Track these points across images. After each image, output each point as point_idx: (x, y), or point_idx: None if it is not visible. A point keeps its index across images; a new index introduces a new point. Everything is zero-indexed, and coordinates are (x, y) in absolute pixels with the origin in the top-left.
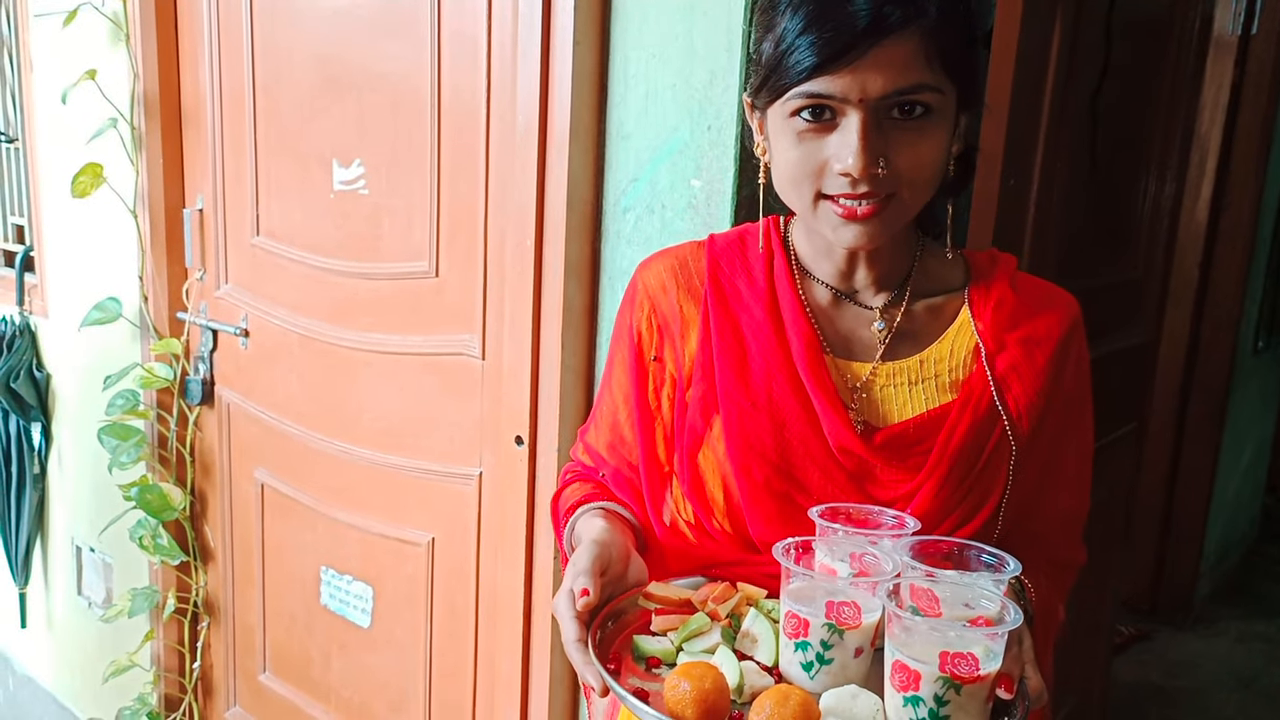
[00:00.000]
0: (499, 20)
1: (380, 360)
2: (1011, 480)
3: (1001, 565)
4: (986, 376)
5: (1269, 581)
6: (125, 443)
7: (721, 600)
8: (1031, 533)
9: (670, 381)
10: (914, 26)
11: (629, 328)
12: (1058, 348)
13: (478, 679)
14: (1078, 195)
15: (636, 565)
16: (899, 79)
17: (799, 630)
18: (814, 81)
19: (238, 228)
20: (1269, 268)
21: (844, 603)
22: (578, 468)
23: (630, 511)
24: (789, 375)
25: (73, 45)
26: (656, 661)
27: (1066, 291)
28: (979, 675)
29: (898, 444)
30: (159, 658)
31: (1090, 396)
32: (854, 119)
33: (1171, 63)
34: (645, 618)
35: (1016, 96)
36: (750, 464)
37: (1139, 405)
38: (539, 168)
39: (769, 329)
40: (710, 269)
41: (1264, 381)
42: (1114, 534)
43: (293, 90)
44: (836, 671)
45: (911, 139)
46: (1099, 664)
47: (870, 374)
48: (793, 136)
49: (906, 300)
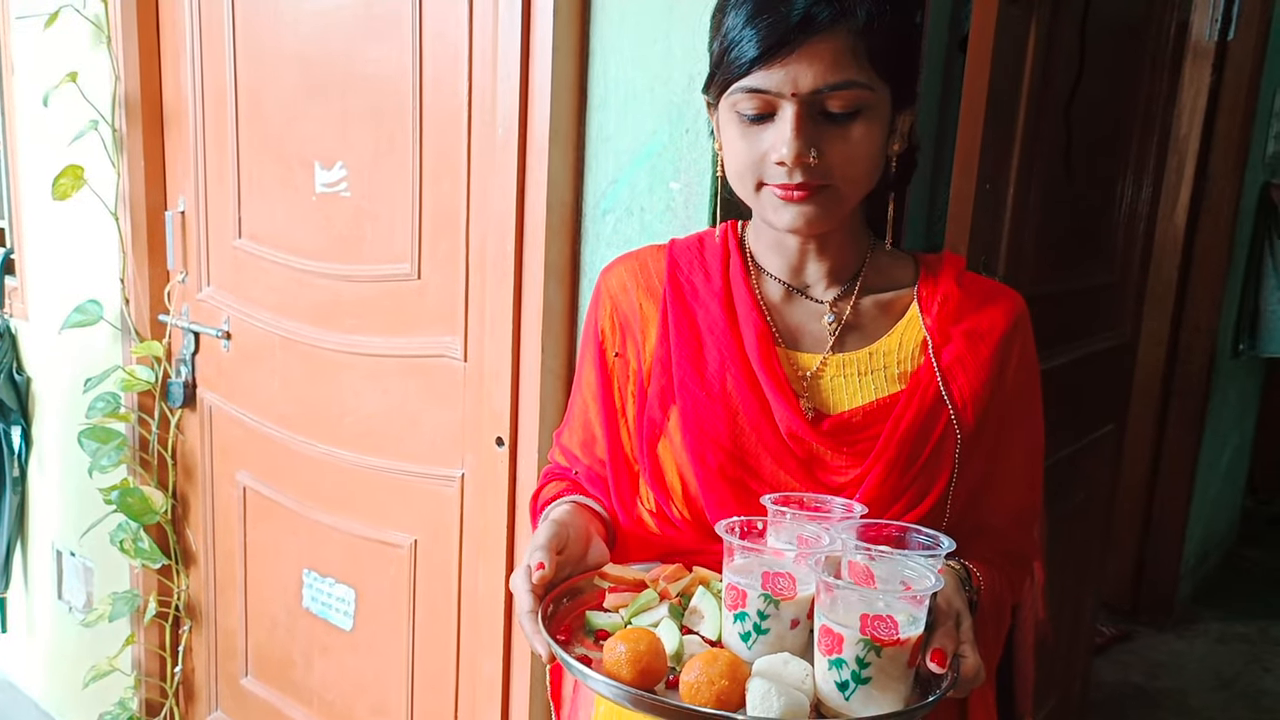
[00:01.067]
0: (480, 24)
1: (362, 362)
2: (957, 468)
3: (936, 544)
4: (933, 368)
5: (1249, 582)
6: (106, 446)
7: (673, 580)
8: (982, 525)
9: (633, 378)
10: (843, 26)
11: (594, 328)
12: (1001, 340)
13: (459, 681)
14: (1054, 199)
15: (597, 549)
16: (828, 74)
17: (737, 601)
18: (751, 76)
19: (220, 230)
20: (1247, 271)
21: (779, 574)
22: (554, 469)
23: (602, 506)
24: (742, 366)
25: (54, 47)
26: (604, 634)
27: (1012, 289)
28: (898, 639)
29: (845, 430)
30: (140, 662)
31: (1039, 393)
32: (788, 111)
33: (1148, 68)
34: (601, 596)
35: (993, 101)
36: (705, 451)
37: (1118, 407)
38: (519, 170)
39: (724, 323)
40: (669, 268)
41: (1243, 384)
42: (1094, 535)
43: (275, 92)
44: (773, 642)
45: (843, 133)
46: (1079, 664)
47: (820, 365)
48: (737, 129)
49: (856, 295)
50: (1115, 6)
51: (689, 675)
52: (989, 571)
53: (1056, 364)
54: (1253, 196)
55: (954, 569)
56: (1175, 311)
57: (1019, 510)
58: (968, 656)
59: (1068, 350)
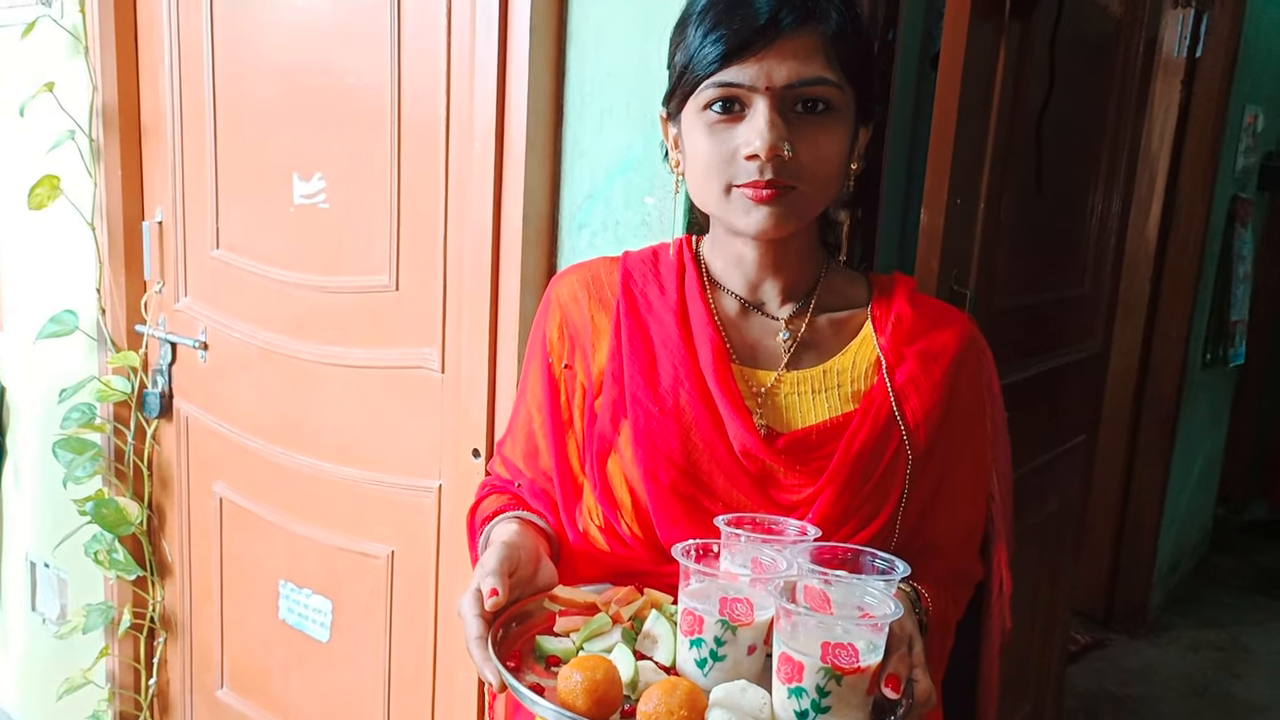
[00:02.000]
0: (458, 38)
1: (341, 373)
2: (908, 488)
3: (891, 569)
4: (886, 388)
5: (1221, 591)
6: (81, 456)
7: (625, 603)
8: (930, 544)
9: (581, 390)
10: (813, 26)
11: (542, 338)
12: (953, 362)
13: (436, 693)
14: (1026, 214)
15: (546, 570)
16: (801, 69)
17: (694, 627)
18: (724, 71)
19: (197, 240)
20: (1217, 283)
21: (737, 599)
22: (495, 481)
23: (546, 521)
24: (696, 381)
25: (31, 57)
26: (556, 660)
27: (962, 311)
28: (859, 667)
29: (799, 448)
30: (114, 674)
31: (985, 416)
32: (761, 105)
33: (1118, 83)
34: (550, 620)
35: (963, 118)
36: (657, 468)
37: (1090, 417)
38: (495, 184)
39: (678, 337)
40: (624, 280)
41: (1214, 394)
42: (1067, 544)
43: (254, 104)
44: (730, 668)
45: (814, 132)
46: (1052, 672)
47: (775, 381)
48: (705, 129)
49: (811, 312)
50: (1085, 23)
51: (647, 706)
52: (937, 592)
53: (1029, 375)
54: (1222, 210)
55: (905, 591)
56: (1147, 322)
57: (965, 531)
58: (920, 680)
59: (1040, 362)
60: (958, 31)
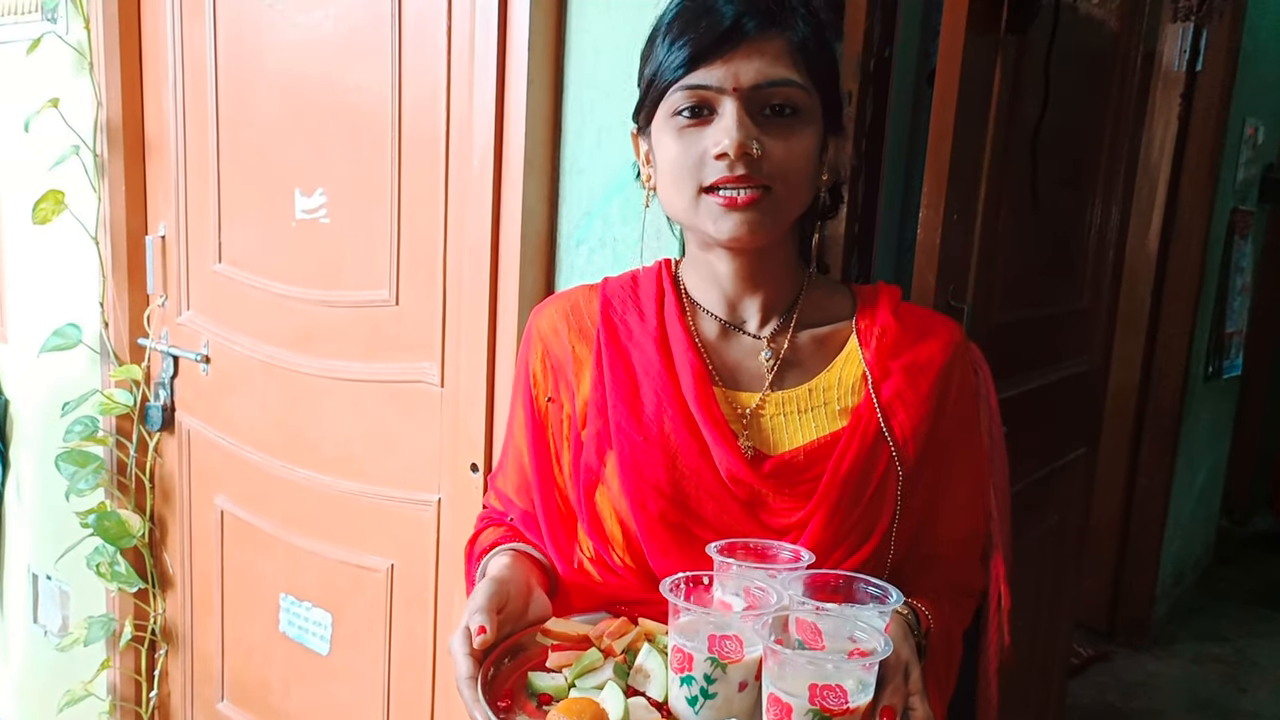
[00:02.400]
0: (458, 55)
1: (341, 387)
2: (900, 506)
3: (886, 597)
4: (873, 403)
5: (1224, 603)
6: (83, 469)
7: (617, 635)
8: (928, 556)
9: (566, 422)
10: (778, 31)
11: (525, 371)
12: (940, 373)
13: (435, 707)
14: (1023, 227)
15: (539, 602)
16: (768, 70)
17: (684, 665)
18: (692, 75)
19: (200, 255)
20: (1218, 295)
21: (725, 636)
22: (491, 513)
23: (540, 552)
24: (680, 408)
25: (36, 73)
26: (548, 698)
27: (949, 318)
28: (848, 708)
29: (787, 471)
30: (115, 687)
31: (978, 422)
32: (729, 106)
33: (1116, 95)
34: (543, 654)
35: (959, 133)
36: (645, 497)
37: (1090, 430)
38: (494, 201)
39: (659, 363)
40: (603, 309)
41: (1216, 406)
42: (1068, 557)
43: (256, 120)
44: (721, 706)
45: (783, 134)
46: (1054, 686)
47: (759, 403)
48: (674, 134)
49: (793, 330)
50: (1082, 37)
51: None
52: (937, 608)
53: (1027, 389)
54: (1223, 222)
55: (903, 615)
56: (1148, 334)
57: (965, 540)
58: (917, 709)
59: (1039, 376)
60: (953, 48)
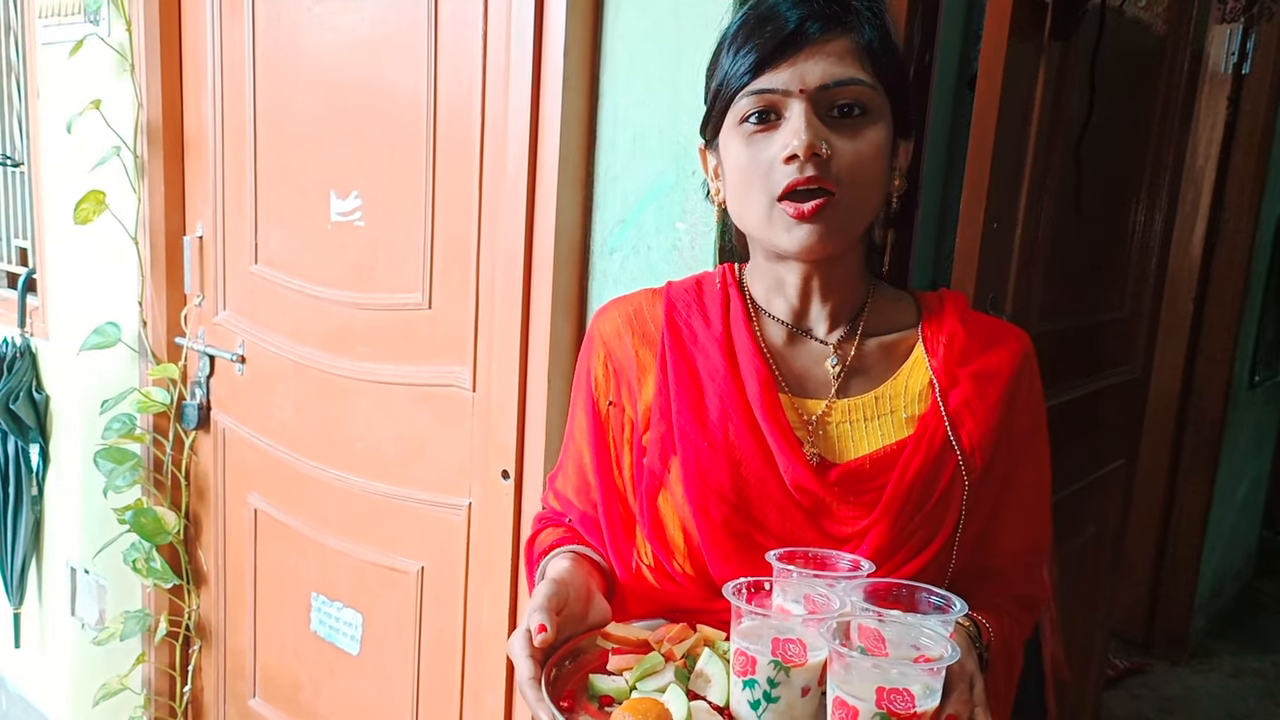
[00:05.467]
0: (493, 61)
1: (374, 389)
2: (965, 515)
3: (948, 606)
4: (940, 412)
5: (1265, 617)
6: (121, 466)
7: (678, 640)
8: (988, 568)
9: (628, 426)
10: (843, 33)
11: (587, 375)
12: (1009, 383)
13: (464, 710)
14: (1064, 235)
15: (599, 606)
16: (835, 70)
17: (747, 668)
18: (758, 80)
19: (237, 255)
20: (1264, 302)
21: (790, 640)
22: (549, 514)
23: (600, 555)
24: (745, 415)
25: (79, 74)
26: (609, 700)
27: (1017, 327)
28: (915, 712)
29: (852, 480)
30: (150, 681)
31: (1044, 432)
32: (797, 108)
33: (1161, 99)
34: (603, 658)
35: (1000, 140)
36: (708, 504)
37: (1129, 442)
38: (528, 206)
39: (725, 369)
40: (667, 313)
41: (1260, 415)
42: (1105, 569)
43: (293, 123)
44: (783, 710)
45: (850, 135)
46: (1090, 698)
47: (825, 410)
48: (742, 141)
49: (859, 337)
50: (1128, 40)
51: None
52: (999, 621)
53: (1067, 399)
54: (1269, 228)
55: (964, 626)
56: (1190, 342)
57: (1027, 551)
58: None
59: (1078, 385)
60: (996, 53)
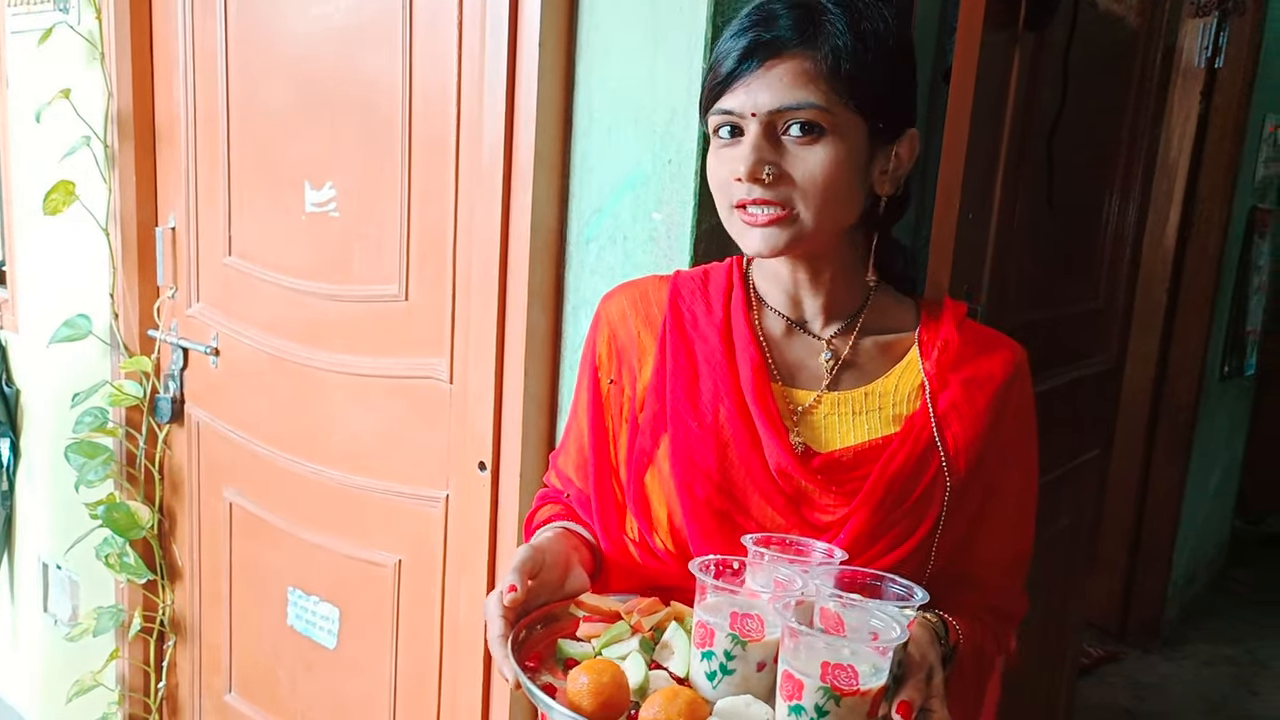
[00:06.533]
0: (469, 51)
1: (350, 382)
2: (945, 515)
3: (910, 595)
4: (928, 413)
5: (1237, 605)
6: (93, 460)
7: (648, 613)
8: (966, 575)
9: (626, 404)
10: (802, 53)
11: (591, 354)
12: (999, 391)
13: (441, 704)
14: (1038, 227)
15: (576, 577)
16: (785, 96)
17: (705, 640)
18: (722, 99)
19: (210, 247)
20: (1236, 294)
21: (747, 614)
22: (550, 491)
23: (591, 532)
24: (736, 399)
25: (48, 63)
26: (574, 663)
27: (1012, 340)
28: (858, 689)
29: (834, 469)
30: (124, 677)
31: (1034, 445)
32: (752, 129)
33: (1135, 91)
34: (575, 624)
35: (975, 132)
36: (693, 481)
37: (1104, 431)
38: (504, 197)
39: (721, 355)
40: (671, 298)
41: (1232, 406)
42: (1080, 559)
43: (266, 112)
44: (738, 683)
45: (804, 154)
46: (1064, 686)
47: (814, 401)
48: (714, 150)
49: (856, 334)
50: (1101, 33)
51: (648, 711)
52: (970, 626)
53: (1042, 390)
54: (1241, 220)
55: (930, 621)
56: (1164, 333)
57: (1008, 561)
58: (935, 711)
59: (1053, 376)
60: (970, 45)
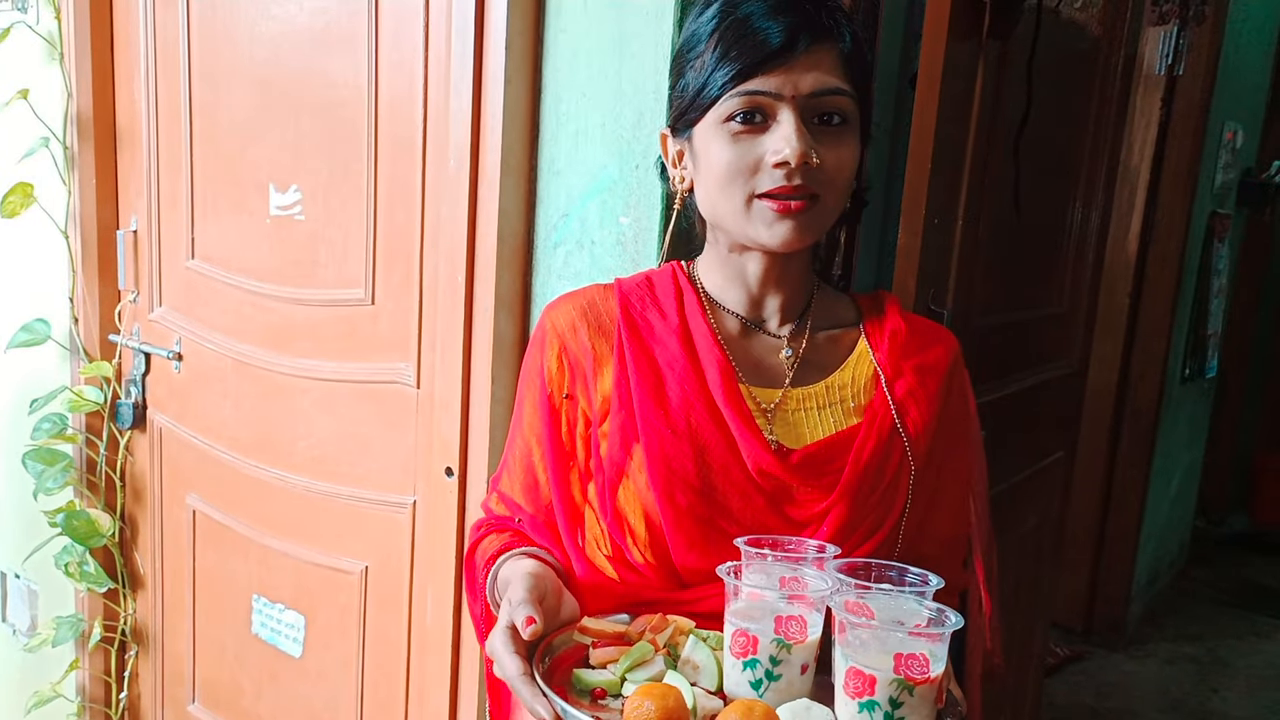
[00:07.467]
0: (435, 54)
1: (315, 387)
2: (911, 498)
3: (925, 581)
4: (887, 400)
5: (1198, 604)
6: (51, 468)
7: (658, 630)
8: (922, 555)
9: (583, 419)
10: (830, 43)
11: (539, 369)
12: (945, 376)
13: (409, 711)
14: (1003, 232)
15: (569, 603)
16: (826, 79)
17: (748, 648)
18: (751, 81)
19: (172, 250)
20: (1196, 298)
21: (791, 617)
22: (490, 520)
23: (553, 556)
24: (706, 403)
25: (5, 63)
26: (602, 693)
27: (947, 329)
28: (930, 677)
29: (813, 463)
30: (84, 688)
31: (976, 424)
32: (787, 114)
33: (1097, 98)
34: (579, 653)
35: (941, 138)
36: (673, 490)
37: (1068, 433)
38: (471, 201)
39: (684, 359)
40: (622, 306)
41: (1193, 408)
42: (1046, 559)
43: (230, 114)
44: (784, 689)
45: (833, 142)
46: (1030, 686)
47: (781, 398)
48: (726, 140)
49: (809, 330)
50: (1064, 41)
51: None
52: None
53: (1007, 393)
54: (1201, 225)
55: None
56: (1127, 337)
57: (953, 540)
58: (956, 689)
59: (1018, 379)
60: (935, 52)
